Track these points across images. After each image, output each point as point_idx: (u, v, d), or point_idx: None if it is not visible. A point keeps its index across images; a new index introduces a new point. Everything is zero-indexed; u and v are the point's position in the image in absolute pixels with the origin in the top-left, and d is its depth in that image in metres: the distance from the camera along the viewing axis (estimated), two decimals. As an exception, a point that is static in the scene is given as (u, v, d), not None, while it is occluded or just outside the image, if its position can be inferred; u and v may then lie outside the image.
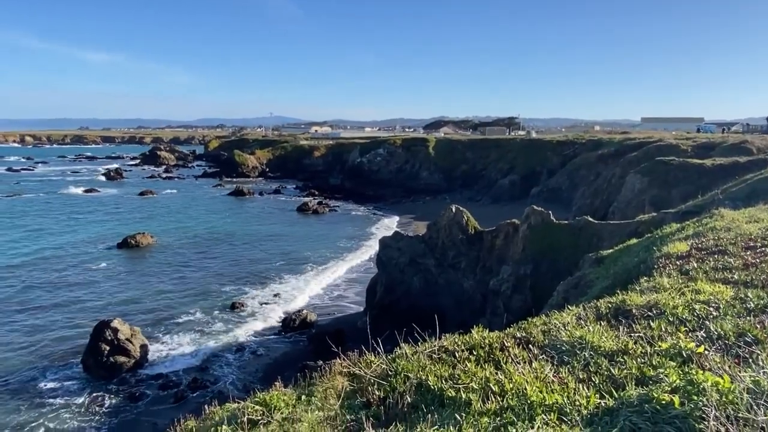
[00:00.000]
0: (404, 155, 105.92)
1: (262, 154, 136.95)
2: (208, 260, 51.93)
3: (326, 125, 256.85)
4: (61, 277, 44.87)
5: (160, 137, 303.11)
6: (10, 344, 31.05)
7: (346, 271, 49.61)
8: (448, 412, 4.00)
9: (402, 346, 5.39)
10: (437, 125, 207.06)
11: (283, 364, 29.49)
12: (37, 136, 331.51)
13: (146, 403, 25.66)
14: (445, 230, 34.89)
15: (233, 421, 4.57)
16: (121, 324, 28.85)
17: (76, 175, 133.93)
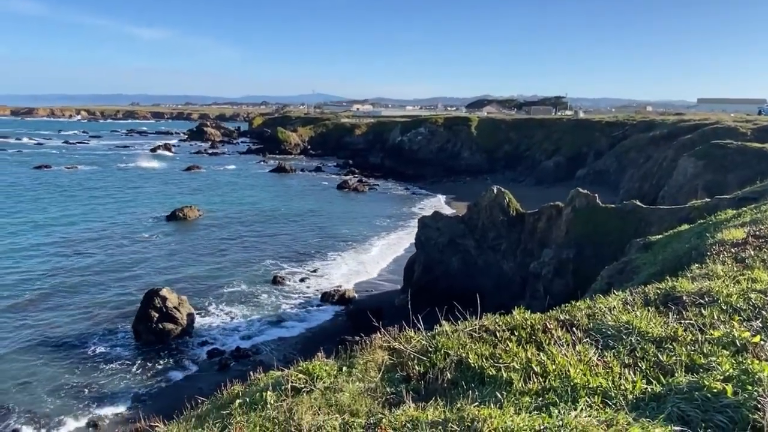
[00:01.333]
0: (446, 135, 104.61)
1: (304, 132, 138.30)
2: (251, 234, 53.31)
3: (367, 103, 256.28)
4: (113, 247, 47.13)
5: (206, 114, 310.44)
6: (66, 310, 32.99)
7: (384, 249, 49.92)
8: (488, 390, 4.01)
9: (443, 324, 5.41)
10: (480, 104, 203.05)
11: (321, 338, 30.18)
12: (91, 111, 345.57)
13: (191, 369, 26.89)
14: (485, 211, 34.48)
15: (277, 387, 4.72)
16: (169, 293, 30.14)
17: (127, 149, 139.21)
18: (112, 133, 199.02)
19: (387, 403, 4.26)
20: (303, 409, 4.17)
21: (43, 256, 43.23)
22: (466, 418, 3.36)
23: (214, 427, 4.20)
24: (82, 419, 22.07)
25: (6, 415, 22.02)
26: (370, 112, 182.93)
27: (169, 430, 4.35)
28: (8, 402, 22.90)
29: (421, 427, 3.31)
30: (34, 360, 26.65)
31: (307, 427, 3.81)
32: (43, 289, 36.13)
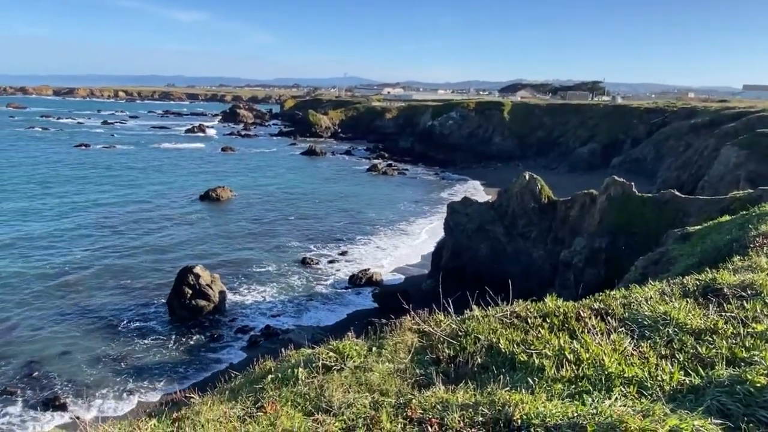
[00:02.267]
0: (477, 119, 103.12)
1: (335, 115, 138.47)
2: (281, 216, 54.03)
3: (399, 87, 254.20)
4: (148, 225, 48.51)
5: (239, 96, 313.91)
6: (104, 285, 34.23)
7: (412, 234, 49.91)
8: (519, 376, 3.99)
9: (473, 308, 5.38)
10: (514, 88, 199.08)
11: (348, 319, 30.57)
12: (129, 91, 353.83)
13: (223, 345, 27.65)
14: (516, 198, 34.00)
15: (309, 364, 4.80)
16: (202, 270, 30.91)
17: (163, 130, 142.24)
18: (148, 114, 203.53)
19: (416, 384, 4.28)
20: (334, 387, 4.23)
21: (81, 234, 44.85)
22: (497, 402, 3.35)
23: (247, 400, 4.30)
24: (118, 389, 23.01)
25: (50, 383, 23.14)
26: (401, 95, 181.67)
27: (204, 401, 4.48)
28: (51, 370, 24.04)
29: (451, 410, 3.31)
30: (75, 332, 27.84)
31: (338, 404, 3.86)
32: (82, 265, 37.56)
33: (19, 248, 39.97)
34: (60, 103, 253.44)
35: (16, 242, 41.48)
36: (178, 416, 4.14)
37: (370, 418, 3.43)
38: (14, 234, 43.49)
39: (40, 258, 38.23)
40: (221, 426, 3.69)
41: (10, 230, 44.52)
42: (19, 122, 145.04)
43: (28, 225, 46.33)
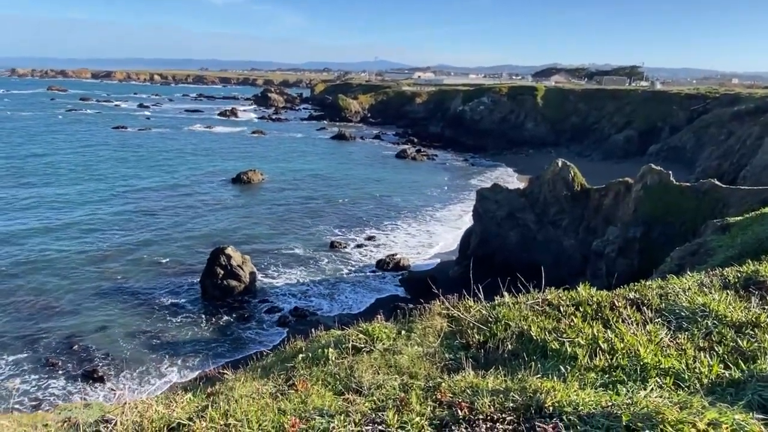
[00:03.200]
0: (509, 104, 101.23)
1: (365, 99, 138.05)
2: (310, 200, 54.52)
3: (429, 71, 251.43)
4: (182, 207, 49.67)
5: (270, 79, 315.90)
6: (140, 264, 35.33)
7: (440, 220, 49.71)
8: (551, 364, 3.94)
9: (504, 295, 5.34)
10: (548, 73, 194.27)
11: (375, 303, 30.82)
12: (164, 75, 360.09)
13: (253, 324, 28.28)
14: (548, 185, 33.40)
15: (338, 345, 4.86)
16: (233, 251, 31.55)
17: (196, 113, 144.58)
18: (182, 97, 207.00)
19: (446, 368, 4.29)
20: (363, 368, 4.27)
21: (118, 215, 46.27)
22: (528, 388, 3.32)
23: (278, 377, 4.39)
24: (153, 364, 23.85)
25: (89, 356, 24.15)
26: (431, 80, 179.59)
27: (237, 378, 4.59)
28: (90, 345, 25.07)
29: (482, 394, 3.30)
30: (112, 308, 28.89)
31: (368, 385, 3.90)
32: (118, 245, 38.82)
33: (60, 229, 41.54)
34: (98, 86, 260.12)
35: (57, 223, 43.13)
36: (212, 391, 4.25)
37: (400, 399, 3.45)
38: (55, 215, 45.21)
39: (80, 238, 39.67)
40: (254, 402, 3.78)
41: (52, 211, 46.28)
42: (60, 104, 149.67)
43: (68, 206, 48.05)
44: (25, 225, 41.47)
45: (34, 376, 22.50)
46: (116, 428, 3.52)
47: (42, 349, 24.47)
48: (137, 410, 3.69)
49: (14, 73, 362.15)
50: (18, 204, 47.40)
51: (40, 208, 46.15)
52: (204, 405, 3.90)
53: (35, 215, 44.13)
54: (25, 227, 40.99)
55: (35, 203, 47.77)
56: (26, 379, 22.23)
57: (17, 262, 33.99)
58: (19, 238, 38.24)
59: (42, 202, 48.15)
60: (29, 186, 53.96)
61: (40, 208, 46.43)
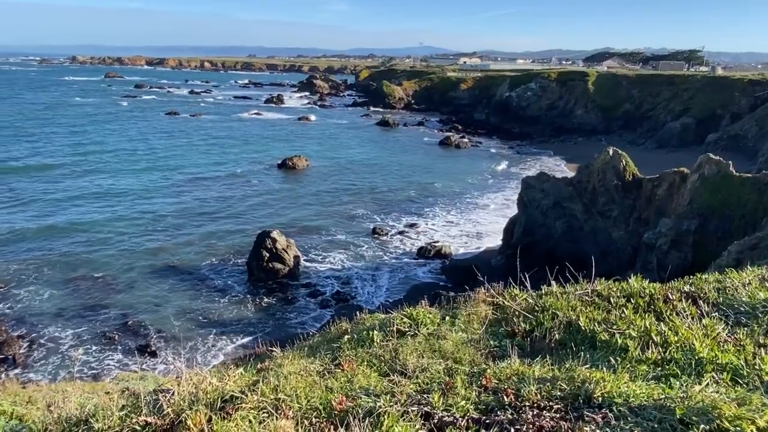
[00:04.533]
0: (558, 90, 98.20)
1: (409, 86, 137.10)
2: (353, 186, 54.95)
3: (475, 56, 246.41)
4: (230, 191, 51.15)
5: (316, 66, 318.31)
6: (191, 245, 36.69)
7: (483, 208, 49.12)
8: (600, 355, 3.87)
9: (551, 284, 5.26)
10: (600, 58, 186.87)
11: (416, 290, 30.86)
12: (214, 62, 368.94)
13: (296, 306, 28.98)
14: (597, 174, 32.34)
15: (383, 328, 4.93)
16: (279, 235, 32.28)
17: (244, 99, 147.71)
18: (231, 84, 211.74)
19: (490, 355, 4.29)
20: (408, 351, 4.32)
21: (170, 197, 48.14)
22: (576, 378, 3.28)
23: (325, 357, 4.50)
24: (202, 341, 24.86)
25: (143, 331, 25.43)
26: (477, 65, 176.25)
27: (286, 355, 4.74)
28: (145, 321, 26.37)
29: (528, 382, 3.29)
30: (164, 286, 30.23)
31: (412, 367, 3.95)
32: (171, 225, 40.46)
33: (117, 211, 43.64)
34: (152, 73, 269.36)
35: (114, 206, 45.33)
36: (262, 367, 4.41)
37: (445, 383, 3.48)
38: (111, 198, 47.51)
39: (135, 220, 41.56)
40: (302, 379, 3.90)
41: (109, 195, 48.65)
42: (116, 91, 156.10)
43: (123, 190, 50.34)
44: (85, 208, 43.81)
45: (94, 348, 23.92)
46: (174, 398, 3.71)
47: (100, 323, 25.94)
48: (192, 382, 3.88)
49: (74, 61, 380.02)
50: (78, 188, 50.06)
51: (98, 192, 48.56)
52: (255, 380, 4.05)
53: (94, 199, 46.51)
54: (85, 210, 43.31)
55: (94, 187, 50.31)
56: (87, 350, 23.66)
57: (79, 243, 36.01)
58: (81, 221, 40.42)
59: (99, 186, 50.67)
60: (88, 171, 56.82)
61: (98, 192, 48.85)
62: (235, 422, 3.14)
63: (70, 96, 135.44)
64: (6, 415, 4.57)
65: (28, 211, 41.81)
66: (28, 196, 45.68)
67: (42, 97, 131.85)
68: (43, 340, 24.40)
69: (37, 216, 40.74)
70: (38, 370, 22.14)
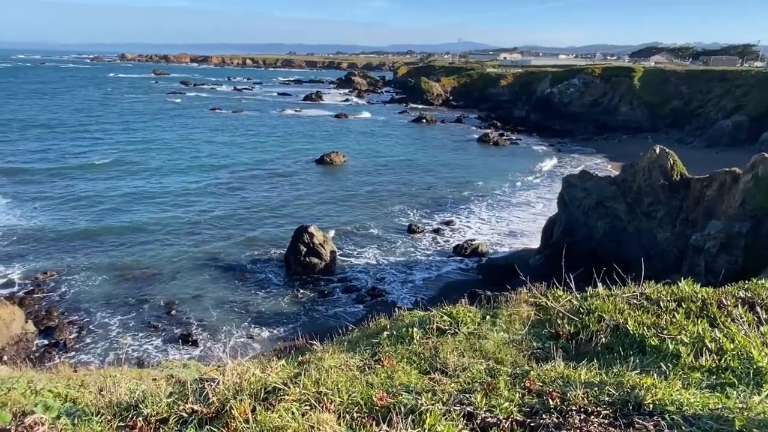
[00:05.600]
0: (602, 87, 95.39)
1: (447, 82, 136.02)
2: (390, 182, 55.02)
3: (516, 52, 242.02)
4: (269, 185, 52.10)
5: (354, 63, 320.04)
6: (230, 238, 37.57)
7: (521, 207, 48.29)
8: (649, 360, 3.74)
9: (598, 285, 5.11)
10: (647, 53, 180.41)
11: (451, 288, 30.64)
12: (255, 59, 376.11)
13: (332, 301, 29.27)
14: (643, 173, 31.27)
15: (423, 326, 4.90)
16: (316, 230, 32.66)
17: (284, 96, 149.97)
18: (271, 81, 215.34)
19: (533, 356, 4.20)
20: (448, 349, 4.29)
21: (213, 191, 49.43)
22: (624, 383, 3.18)
23: (365, 352, 4.52)
24: (240, 332, 25.45)
25: (186, 322, 26.23)
26: (517, 61, 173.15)
27: (326, 349, 4.79)
28: (187, 311, 27.20)
29: (574, 386, 3.20)
30: (205, 278, 31.08)
31: (453, 366, 3.92)
32: (213, 218, 41.54)
33: (161, 204, 45.13)
34: (196, 70, 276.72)
35: (159, 199, 46.90)
36: (303, 360, 4.47)
37: (487, 383, 3.43)
38: (157, 192, 49.15)
39: (178, 213, 42.88)
40: (343, 373, 3.93)
41: (155, 188, 50.37)
42: (162, 87, 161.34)
43: (169, 184, 51.99)
44: (133, 203, 45.46)
45: (139, 335, 24.86)
46: (219, 387, 3.80)
47: (145, 311, 26.91)
48: (236, 372, 3.97)
49: (123, 59, 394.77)
50: (127, 183, 52.04)
51: (145, 187, 50.33)
52: (296, 372, 4.11)
53: (142, 193, 48.21)
54: (133, 204, 44.95)
55: (142, 182, 52.18)
56: (133, 336, 24.63)
57: (127, 235, 37.44)
58: (127, 212, 42.01)
59: (146, 181, 52.53)
60: (135, 164, 58.97)
61: (145, 187, 50.62)
62: (279, 413, 3.19)
63: (121, 92, 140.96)
64: (61, 398, 4.78)
65: (80, 205, 43.75)
66: (80, 191, 47.83)
67: (94, 93, 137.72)
68: (92, 326, 25.52)
69: (89, 209, 42.58)
70: (87, 354, 23.18)
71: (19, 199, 43.91)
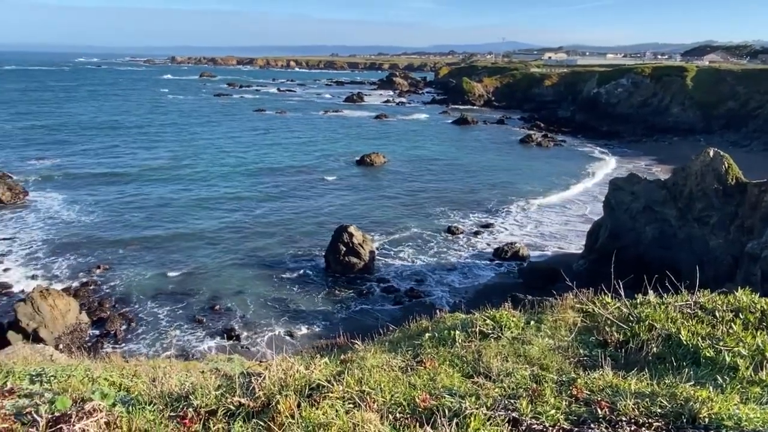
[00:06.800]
0: (652, 87, 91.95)
1: (490, 82, 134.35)
2: (430, 183, 54.81)
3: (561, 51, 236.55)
4: (311, 185, 52.88)
5: (396, 64, 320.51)
6: (273, 236, 38.35)
7: (565, 210, 47.14)
8: (704, 372, 3.59)
9: (649, 293, 4.94)
10: (701, 52, 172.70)
11: (491, 291, 30.25)
12: (298, 61, 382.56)
13: (370, 301, 29.42)
14: (695, 177, 29.97)
15: (465, 329, 4.87)
16: (356, 230, 32.91)
17: (326, 97, 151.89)
18: (314, 82, 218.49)
19: (580, 364, 4.11)
20: (491, 353, 4.25)
21: (257, 191, 50.58)
22: (678, 395, 3.06)
23: (406, 353, 4.52)
24: (280, 329, 25.94)
25: (229, 317, 26.97)
26: (563, 60, 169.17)
27: (367, 349, 4.82)
28: (229, 306, 27.95)
29: (624, 396, 3.11)
30: (247, 275, 31.83)
31: (497, 371, 3.87)
32: (256, 217, 42.54)
33: (208, 203, 46.52)
34: (241, 72, 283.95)
35: (206, 198, 48.37)
36: (345, 358, 4.51)
37: (532, 389, 3.38)
38: (204, 191, 50.71)
39: (224, 212, 44.17)
40: (385, 373, 3.95)
41: (203, 188, 51.98)
42: (210, 89, 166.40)
43: (213, 183, 53.58)
44: (179, 199, 47.09)
45: (185, 327, 25.72)
46: (264, 382, 3.90)
47: (191, 306, 27.82)
48: (282, 368, 4.05)
49: (173, 61, 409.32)
50: (174, 181, 53.96)
51: (191, 186, 52.02)
52: (339, 370, 4.16)
53: (188, 192, 49.87)
54: (180, 201, 46.55)
55: (188, 181, 53.97)
56: (179, 328, 25.52)
57: (174, 231, 38.87)
58: (176, 211, 43.51)
59: (192, 180, 54.29)
60: (184, 165, 61.05)
61: (192, 185, 52.32)
62: (323, 410, 3.24)
63: (172, 94, 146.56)
64: (115, 386, 5.01)
65: (132, 204, 45.67)
66: (133, 190, 49.97)
67: (147, 95, 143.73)
68: (141, 318, 26.59)
69: (141, 208, 44.36)
70: (137, 344, 24.17)
71: (77, 197, 46.26)
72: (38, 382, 5.01)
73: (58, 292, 25.06)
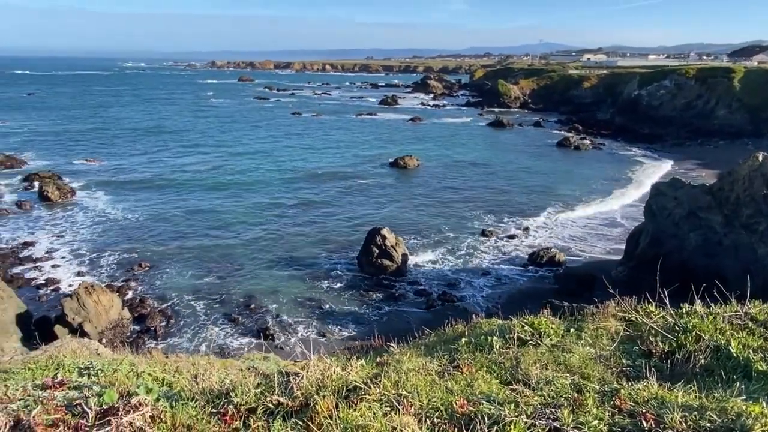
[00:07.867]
0: (697, 88, 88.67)
1: (526, 84, 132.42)
2: (464, 187, 54.38)
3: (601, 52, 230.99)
4: (345, 187, 53.25)
5: (430, 66, 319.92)
6: (307, 237, 38.82)
7: (603, 215, 45.90)
8: (756, 387, 3.43)
9: (696, 302, 4.77)
10: (749, 52, 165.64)
11: (525, 297, 29.74)
12: (334, 64, 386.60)
13: (403, 303, 29.39)
14: (742, 182, 28.73)
15: (503, 335, 4.81)
16: (388, 233, 32.96)
17: (361, 100, 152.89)
18: (349, 85, 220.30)
19: (622, 374, 4.00)
20: (530, 361, 4.18)
21: (291, 193, 51.31)
22: (729, 410, 2.94)
23: (443, 358, 4.50)
24: (313, 329, 26.20)
25: (262, 315, 27.43)
26: (602, 62, 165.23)
27: (403, 352, 4.82)
28: (263, 305, 28.44)
29: (670, 408, 3.01)
30: (282, 275, 32.32)
31: (536, 379, 3.81)
32: (290, 220, 43.14)
33: (245, 204, 47.47)
34: (279, 76, 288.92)
35: (243, 200, 49.42)
36: (381, 361, 4.52)
37: (574, 399, 3.31)
38: (242, 192, 51.83)
39: (260, 213, 44.96)
40: (422, 377, 3.94)
41: (240, 189, 53.16)
42: (248, 92, 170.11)
43: (252, 185, 54.67)
44: (219, 200, 48.26)
45: (221, 325, 26.31)
46: (303, 382, 3.95)
47: (227, 305, 28.42)
48: (319, 368, 4.10)
49: (214, 65, 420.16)
50: (214, 182, 55.33)
51: (231, 187, 53.23)
52: (375, 373, 4.17)
53: (227, 193, 51.05)
54: (219, 202, 47.71)
55: (228, 183, 55.26)
56: (217, 325, 26.14)
57: (212, 232, 39.83)
58: (214, 214, 44.57)
59: (232, 182, 55.56)
60: (223, 167, 62.54)
61: (231, 186, 53.54)
62: (361, 412, 3.25)
63: (213, 98, 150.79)
64: (159, 382, 5.16)
65: (174, 204, 47.08)
66: (176, 192, 51.49)
67: (188, 98, 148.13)
68: (180, 315, 27.33)
69: (182, 208, 45.67)
70: (176, 339, 24.86)
71: (121, 197, 48.01)
72: (86, 375, 5.22)
73: (102, 288, 26.02)
